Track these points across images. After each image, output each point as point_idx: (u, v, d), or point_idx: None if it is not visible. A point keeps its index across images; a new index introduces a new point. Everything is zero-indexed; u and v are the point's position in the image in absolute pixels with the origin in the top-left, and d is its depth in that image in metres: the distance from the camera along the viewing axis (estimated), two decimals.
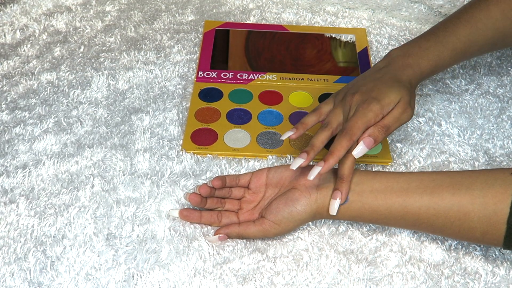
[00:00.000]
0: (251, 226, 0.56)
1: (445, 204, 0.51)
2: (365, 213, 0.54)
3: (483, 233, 0.50)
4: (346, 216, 0.55)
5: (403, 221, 0.53)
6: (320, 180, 0.55)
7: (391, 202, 0.53)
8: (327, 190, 0.55)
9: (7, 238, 0.56)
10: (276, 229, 0.55)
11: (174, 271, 0.53)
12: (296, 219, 0.55)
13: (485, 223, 0.50)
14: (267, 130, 0.71)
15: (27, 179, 0.62)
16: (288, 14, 0.93)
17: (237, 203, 0.59)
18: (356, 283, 0.53)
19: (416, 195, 0.52)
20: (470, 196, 0.51)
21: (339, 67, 0.84)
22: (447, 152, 0.68)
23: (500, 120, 0.73)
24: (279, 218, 0.54)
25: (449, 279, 0.54)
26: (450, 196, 0.51)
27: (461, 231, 0.51)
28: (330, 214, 0.54)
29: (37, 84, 0.77)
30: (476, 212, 0.50)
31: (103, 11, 0.93)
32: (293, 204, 0.54)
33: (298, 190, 0.55)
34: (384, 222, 0.55)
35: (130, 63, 0.81)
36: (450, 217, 0.51)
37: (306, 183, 0.55)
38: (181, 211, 0.57)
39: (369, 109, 0.54)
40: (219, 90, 0.77)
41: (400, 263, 0.55)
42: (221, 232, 0.56)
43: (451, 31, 0.62)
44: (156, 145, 0.68)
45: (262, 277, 0.53)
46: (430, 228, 0.53)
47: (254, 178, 0.59)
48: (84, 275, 0.53)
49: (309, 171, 0.53)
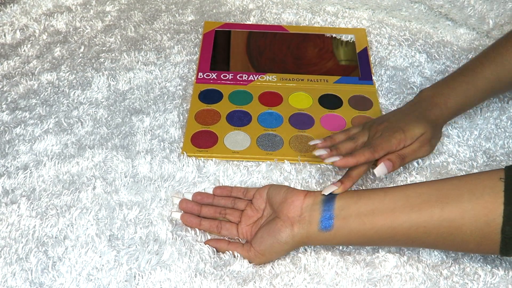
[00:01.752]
0: (239, 249, 0.56)
1: (434, 221, 0.50)
2: (353, 238, 0.53)
3: (478, 245, 0.50)
4: (334, 242, 0.54)
5: (393, 241, 0.52)
6: (302, 209, 0.54)
7: (379, 225, 0.51)
8: (309, 219, 0.53)
9: (9, 238, 0.56)
10: (261, 258, 0.55)
11: (176, 271, 0.53)
12: (279, 250, 0.54)
13: (478, 235, 0.49)
14: (267, 132, 0.71)
15: (28, 179, 0.63)
16: (288, 14, 0.93)
17: (238, 215, 0.59)
18: (355, 284, 0.53)
19: (404, 215, 0.51)
20: (459, 209, 0.49)
21: (339, 67, 0.84)
22: (446, 152, 0.68)
23: (499, 120, 0.73)
24: (263, 248, 0.54)
25: (448, 279, 0.54)
26: (439, 211, 0.50)
27: (454, 244, 0.51)
28: (322, 193, 0.54)
29: (38, 85, 0.77)
30: (467, 226, 0.49)
31: (103, 11, 0.93)
32: (274, 235, 0.54)
33: (281, 220, 0.54)
34: (374, 244, 0.54)
35: (131, 64, 0.81)
36: (442, 233, 0.50)
37: (289, 214, 0.54)
38: (183, 216, 0.59)
39: (393, 136, 0.58)
40: (219, 92, 0.77)
41: (398, 264, 0.55)
42: (211, 244, 0.57)
43: (479, 71, 0.64)
44: (157, 147, 0.68)
45: (261, 279, 0.54)
46: (423, 245, 0.53)
47: (257, 193, 0.59)
48: (85, 276, 0.53)
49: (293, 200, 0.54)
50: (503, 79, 0.64)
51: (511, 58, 0.63)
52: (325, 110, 0.75)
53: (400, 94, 0.78)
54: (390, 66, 0.83)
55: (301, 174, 0.65)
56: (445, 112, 0.62)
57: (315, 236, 0.53)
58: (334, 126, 0.72)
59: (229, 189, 0.61)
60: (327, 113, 0.74)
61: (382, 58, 0.84)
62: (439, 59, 0.84)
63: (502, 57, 0.64)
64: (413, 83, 0.80)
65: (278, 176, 0.65)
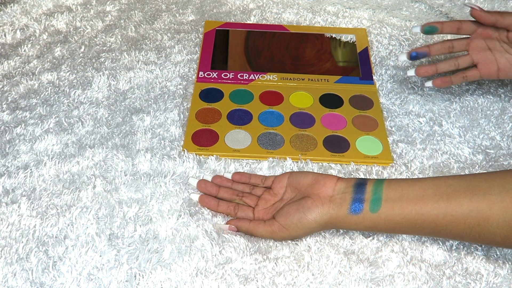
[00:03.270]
0: (261, 225, 0.56)
1: (463, 211, 0.50)
2: (380, 223, 0.53)
3: (504, 238, 0.49)
4: (361, 227, 0.54)
5: (421, 229, 0.52)
6: (334, 191, 0.55)
7: (407, 211, 0.52)
8: (340, 201, 0.54)
9: (9, 238, 0.56)
10: (284, 233, 0.55)
11: (176, 271, 0.53)
12: (305, 227, 0.54)
13: (505, 228, 0.49)
14: (267, 130, 0.71)
15: (29, 179, 0.62)
16: (288, 14, 0.93)
17: (255, 199, 0.60)
18: (358, 284, 0.53)
19: (433, 202, 0.51)
20: (488, 201, 0.49)
21: (339, 67, 0.84)
22: (448, 152, 0.68)
23: (501, 120, 0.73)
24: (288, 223, 0.55)
25: (451, 279, 0.54)
26: (467, 201, 0.50)
27: (480, 236, 0.50)
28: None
29: (38, 84, 0.77)
30: (495, 217, 0.49)
31: (104, 11, 0.93)
32: (304, 211, 0.54)
33: (311, 199, 0.55)
34: (401, 231, 0.54)
35: (131, 63, 0.81)
36: (469, 223, 0.50)
37: (321, 194, 0.55)
38: (201, 197, 0.60)
39: None
40: (220, 91, 0.77)
41: (401, 263, 0.55)
42: (232, 224, 0.58)
43: None
44: (158, 145, 0.68)
45: (264, 277, 0.53)
46: (449, 235, 0.52)
47: (276, 180, 0.59)
48: (86, 275, 0.53)
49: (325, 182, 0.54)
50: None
51: None
52: (325, 110, 0.74)
53: (401, 94, 0.78)
54: (390, 66, 0.83)
55: None
56: None
57: (343, 218, 0.53)
58: (334, 125, 0.72)
59: (248, 176, 0.62)
60: (327, 112, 0.74)
61: (382, 58, 0.84)
62: (439, 59, 0.84)
63: None
64: (414, 83, 0.79)
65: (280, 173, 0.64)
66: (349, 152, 0.68)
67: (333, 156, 0.67)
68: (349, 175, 0.65)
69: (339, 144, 0.69)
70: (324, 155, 0.67)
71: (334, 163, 0.67)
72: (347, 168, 0.66)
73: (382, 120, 0.73)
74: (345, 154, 0.68)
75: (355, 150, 0.68)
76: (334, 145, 0.69)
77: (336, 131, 0.71)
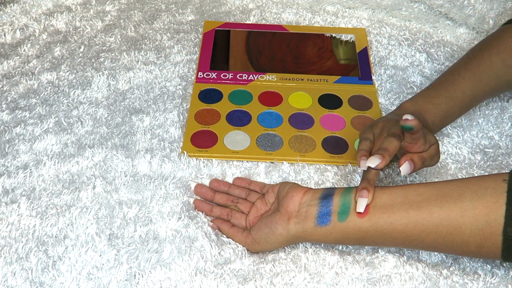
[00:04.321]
0: (238, 234, 0.57)
1: (434, 219, 0.49)
2: (350, 233, 0.52)
3: (478, 246, 0.48)
4: (331, 238, 0.53)
5: (391, 239, 0.51)
6: (300, 205, 0.54)
7: (375, 219, 0.50)
8: (305, 215, 0.53)
9: (9, 238, 0.56)
10: (256, 246, 0.56)
11: (176, 270, 0.53)
12: (273, 241, 0.54)
13: (478, 235, 0.48)
14: (266, 132, 0.71)
15: (28, 179, 0.63)
16: (288, 14, 0.93)
17: (249, 206, 0.60)
18: (354, 284, 0.53)
19: (402, 212, 0.50)
20: (459, 208, 0.48)
21: (339, 67, 0.84)
22: (446, 152, 0.68)
23: (500, 120, 0.73)
24: (258, 237, 0.55)
25: (448, 279, 0.54)
26: (438, 209, 0.49)
27: (454, 245, 0.49)
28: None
29: (38, 84, 0.77)
30: (467, 225, 0.48)
31: (103, 11, 0.93)
32: (271, 226, 0.54)
33: (279, 213, 0.54)
34: (372, 241, 0.53)
35: (130, 63, 0.81)
36: (441, 232, 0.49)
37: (287, 208, 0.54)
38: (195, 200, 0.61)
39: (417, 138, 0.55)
40: (219, 91, 0.77)
41: (398, 264, 0.55)
42: (215, 223, 0.59)
43: (458, 85, 0.64)
44: (157, 146, 0.68)
45: (262, 278, 0.54)
46: (421, 245, 0.51)
47: (270, 188, 0.59)
48: (85, 275, 0.53)
49: (292, 195, 0.54)
50: (481, 91, 0.65)
51: (487, 69, 0.64)
52: (325, 110, 0.75)
53: (400, 94, 0.78)
54: (390, 66, 0.83)
55: (299, 175, 0.65)
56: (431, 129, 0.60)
57: (311, 231, 0.53)
58: (333, 126, 0.72)
59: (248, 182, 0.63)
60: (327, 113, 0.74)
61: (382, 58, 0.84)
62: (439, 58, 0.84)
63: (479, 69, 0.64)
64: (413, 83, 0.80)
65: (277, 177, 0.65)
66: (348, 153, 0.68)
67: (331, 157, 0.67)
68: (345, 177, 0.65)
69: (338, 145, 0.69)
70: (322, 156, 0.68)
71: (332, 164, 0.67)
72: (344, 170, 0.66)
73: None
74: (343, 155, 0.68)
75: (354, 151, 0.68)
76: (333, 146, 0.69)
77: (335, 132, 0.71)
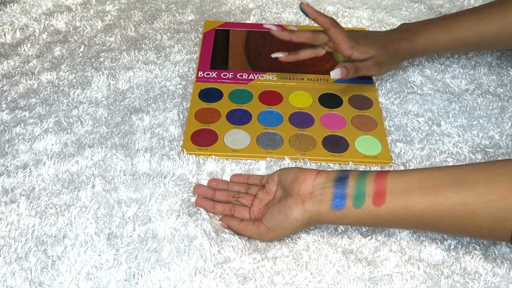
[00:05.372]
0: (249, 227, 0.56)
1: (449, 204, 0.49)
2: (365, 218, 0.52)
3: (491, 230, 0.49)
4: (346, 222, 0.53)
5: (407, 223, 0.52)
6: (314, 187, 0.54)
7: (392, 205, 0.51)
8: (320, 197, 0.53)
9: (8, 237, 0.56)
10: (270, 234, 0.55)
11: (175, 270, 0.53)
12: (289, 227, 0.54)
13: (492, 221, 0.48)
14: (267, 130, 0.71)
15: (28, 179, 0.62)
16: (288, 13, 0.93)
17: (251, 199, 0.60)
18: (356, 283, 0.53)
19: (419, 196, 0.50)
20: (474, 194, 0.49)
21: None
22: (447, 152, 0.68)
23: (500, 120, 0.73)
24: (272, 224, 0.55)
25: (449, 278, 0.54)
26: (453, 195, 0.49)
27: (467, 229, 0.50)
28: (332, 77, 0.67)
29: (37, 84, 0.77)
30: (482, 210, 0.48)
31: (103, 11, 0.93)
32: (285, 211, 0.54)
33: (292, 197, 0.54)
34: (386, 225, 0.53)
35: (130, 63, 0.81)
36: (455, 217, 0.49)
37: (300, 191, 0.54)
38: (197, 199, 0.61)
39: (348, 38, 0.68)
40: (219, 90, 0.77)
41: (399, 263, 0.55)
42: (224, 221, 0.58)
43: (456, 18, 0.70)
44: (157, 145, 0.68)
45: (262, 277, 0.53)
46: (435, 228, 0.52)
47: (269, 178, 0.59)
48: (85, 274, 0.53)
49: (304, 178, 0.54)
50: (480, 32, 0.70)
51: (497, 16, 0.69)
52: (325, 109, 0.74)
53: (400, 93, 0.78)
54: None
55: None
56: (409, 47, 0.71)
57: (326, 214, 0.53)
58: (334, 125, 0.72)
59: (245, 177, 0.63)
60: (327, 112, 0.74)
61: None
62: (439, 58, 0.84)
63: (487, 12, 0.69)
64: (413, 82, 0.79)
65: None
66: (348, 151, 0.68)
67: (332, 156, 0.67)
68: None
69: (338, 144, 0.69)
70: (323, 155, 0.67)
71: (333, 163, 0.67)
72: (345, 168, 0.66)
73: (381, 119, 0.73)
74: (344, 154, 0.68)
75: (354, 149, 0.68)
76: (333, 145, 0.69)
77: (335, 131, 0.71)
